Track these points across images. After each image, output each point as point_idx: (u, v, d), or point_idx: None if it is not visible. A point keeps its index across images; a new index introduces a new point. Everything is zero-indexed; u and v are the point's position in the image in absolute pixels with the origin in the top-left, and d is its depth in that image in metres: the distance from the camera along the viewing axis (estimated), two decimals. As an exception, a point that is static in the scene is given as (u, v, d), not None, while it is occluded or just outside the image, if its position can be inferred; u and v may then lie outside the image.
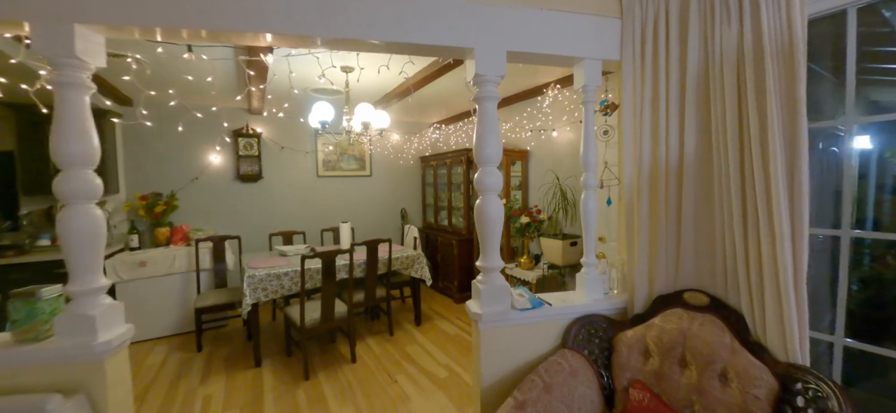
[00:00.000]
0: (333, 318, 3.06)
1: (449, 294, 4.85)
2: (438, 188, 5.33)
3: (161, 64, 2.94)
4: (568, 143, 3.61)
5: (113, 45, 2.20)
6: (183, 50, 2.34)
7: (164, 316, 3.77)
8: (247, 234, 4.49)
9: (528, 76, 3.47)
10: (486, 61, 1.54)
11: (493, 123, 1.58)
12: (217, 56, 2.61)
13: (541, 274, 3.63)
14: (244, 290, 2.95)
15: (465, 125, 5.16)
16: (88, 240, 1.36)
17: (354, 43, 1.51)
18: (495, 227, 1.60)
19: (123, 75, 3.13)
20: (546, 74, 3.44)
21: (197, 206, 4.33)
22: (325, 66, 2.97)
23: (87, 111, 1.37)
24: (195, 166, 4.31)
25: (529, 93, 3.90)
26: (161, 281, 3.74)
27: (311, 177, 4.94)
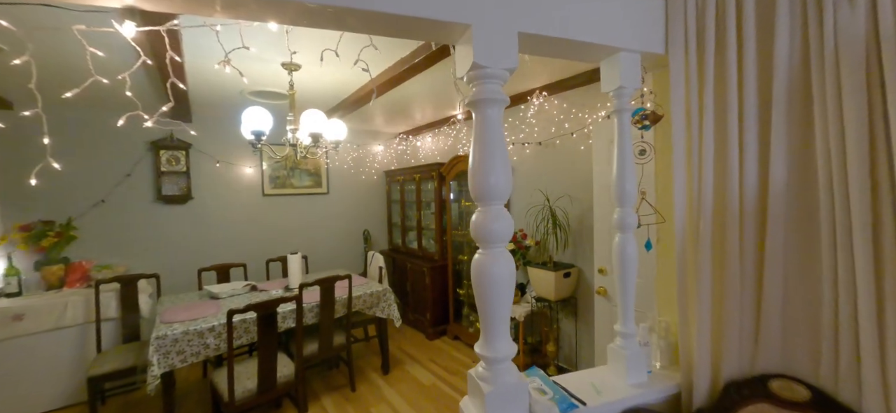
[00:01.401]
0: (276, 385, 2.37)
1: (421, 328, 4.24)
2: (406, 206, 4.74)
3: (49, 58, 2.18)
4: (557, 159, 3.17)
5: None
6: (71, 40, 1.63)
7: (50, 384, 2.88)
8: (171, 268, 3.66)
9: (510, 81, 3.00)
10: (489, 46, 1.00)
11: (499, 140, 1.04)
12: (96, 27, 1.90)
13: (528, 309, 3.13)
14: (150, 355, 2.20)
15: (435, 136, 4.63)
16: None
17: (275, 5, 0.92)
18: (503, 295, 1.05)
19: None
20: (531, 79, 2.99)
21: (103, 237, 3.45)
22: (259, 61, 2.33)
23: None
24: (101, 186, 3.44)
25: (511, 100, 3.42)
26: (46, 338, 2.86)
27: (256, 196, 4.18)
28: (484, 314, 1.06)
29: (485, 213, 1.04)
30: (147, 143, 3.58)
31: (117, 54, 2.08)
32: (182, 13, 1.04)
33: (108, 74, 1.37)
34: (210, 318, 2.49)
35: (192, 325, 2.37)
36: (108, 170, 3.45)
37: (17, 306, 2.79)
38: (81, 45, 1.22)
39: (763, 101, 1.11)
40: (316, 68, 2.55)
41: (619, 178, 1.25)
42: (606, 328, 2.68)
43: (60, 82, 2.59)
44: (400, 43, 2.16)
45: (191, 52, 2.29)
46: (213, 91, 3.08)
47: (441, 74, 2.69)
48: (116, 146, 3.46)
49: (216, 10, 0.93)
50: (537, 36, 1.07)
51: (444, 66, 2.48)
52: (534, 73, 2.84)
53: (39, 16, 1.70)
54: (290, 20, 1.01)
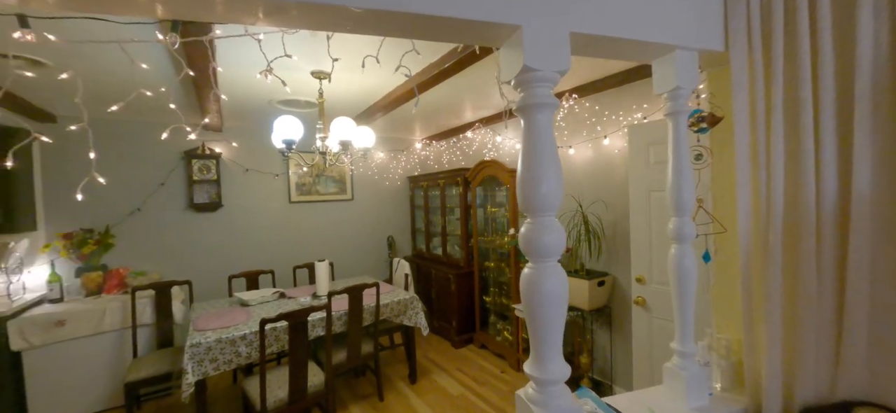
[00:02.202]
0: (306, 395, 2.36)
1: (446, 336, 4.18)
2: (430, 212, 4.70)
3: (88, 72, 2.25)
4: (588, 164, 3.06)
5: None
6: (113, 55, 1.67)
7: (90, 389, 2.96)
8: (202, 274, 3.74)
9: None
10: (541, 48, 0.94)
11: (549, 146, 0.97)
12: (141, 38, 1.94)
13: (560, 318, 3.02)
14: (184, 363, 2.22)
15: (458, 141, 4.58)
16: None
17: (317, 12, 0.89)
18: (556, 312, 0.98)
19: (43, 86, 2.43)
20: (560, 81, 2.89)
21: (139, 244, 3.56)
22: (289, 69, 2.34)
23: None
24: (136, 195, 3.55)
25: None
26: (85, 343, 2.95)
27: (283, 203, 4.23)
28: (534, 333, 0.99)
29: (535, 224, 0.97)
30: (180, 153, 3.68)
31: (154, 67, 2.12)
32: (225, 23, 1.03)
33: (144, 87, 1.37)
34: (241, 326, 2.51)
35: (224, 333, 2.38)
36: (144, 179, 3.56)
37: (59, 312, 2.88)
38: (123, 58, 1.23)
39: (843, 98, 1.01)
40: (343, 76, 2.55)
41: (676, 186, 1.16)
42: (645, 340, 2.55)
43: (101, 95, 2.68)
44: (431, 48, 2.13)
45: (222, 63, 2.32)
46: (242, 101, 3.13)
47: (468, 79, 2.64)
48: (151, 156, 3.56)
49: (259, 18, 0.91)
50: (590, 36, 1.01)
51: (472, 70, 2.44)
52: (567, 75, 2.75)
53: (83, 30, 1.74)
54: (331, 27, 0.97)
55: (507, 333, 3.71)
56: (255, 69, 2.35)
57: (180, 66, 2.02)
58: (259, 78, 2.53)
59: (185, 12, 0.91)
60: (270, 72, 1.34)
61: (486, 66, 2.42)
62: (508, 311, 3.76)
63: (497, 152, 3.97)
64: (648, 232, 2.49)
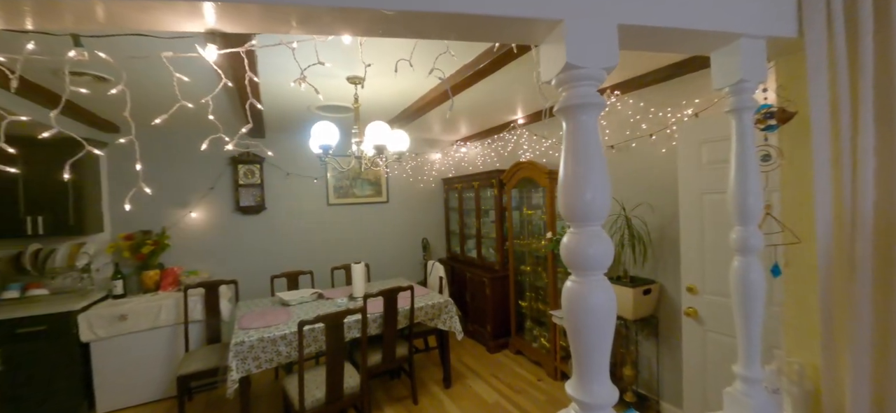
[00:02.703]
0: (342, 396, 2.39)
1: (481, 340, 4.12)
2: (465, 214, 4.65)
3: (144, 86, 2.42)
4: (632, 164, 2.89)
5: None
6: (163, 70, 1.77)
7: (147, 380, 3.18)
8: (246, 274, 3.92)
9: None
10: (585, 43, 0.87)
11: (595, 149, 0.90)
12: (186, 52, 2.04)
13: (601, 327, 2.87)
14: (229, 360, 2.32)
15: (493, 142, 4.50)
16: None
17: (350, 16, 0.87)
18: (603, 330, 0.90)
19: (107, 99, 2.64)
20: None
21: (191, 245, 3.79)
22: (324, 76, 2.38)
23: None
24: (189, 198, 3.78)
25: (578, 102, 3.20)
26: (144, 337, 3.17)
27: (321, 205, 4.35)
28: (578, 351, 0.92)
29: (579, 234, 0.90)
30: (227, 159, 3.88)
31: (200, 78, 2.23)
32: (260, 32, 1.04)
33: (192, 98, 1.43)
34: (281, 326, 2.58)
35: (266, 332, 2.47)
36: (195, 184, 3.78)
37: (122, 308, 3.12)
38: (168, 71, 1.28)
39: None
40: (378, 80, 2.56)
41: (740, 191, 1.04)
42: (697, 356, 2.36)
43: (153, 107, 2.87)
44: (466, 48, 2.08)
45: (264, 72, 2.40)
46: (283, 107, 3.24)
47: (504, 78, 2.56)
48: (202, 162, 3.78)
49: (292, 27, 0.90)
50: (640, 27, 0.92)
51: (508, 69, 2.37)
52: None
53: (131, 46, 1.86)
54: (364, 31, 0.95)
55: (544, 340, 3.59)
56: (293, 76, 2.42)
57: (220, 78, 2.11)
58: (301, 87, 2.60)
59: (223, 24, 0.92)
60: (304, 80, 1.35)
61: (523, 64, 2.34)
62: (545, 317, 3.63)
63: (533, 153, 3.85)
64: (701, 238, 2.31)
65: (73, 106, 2.86)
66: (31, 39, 1.03)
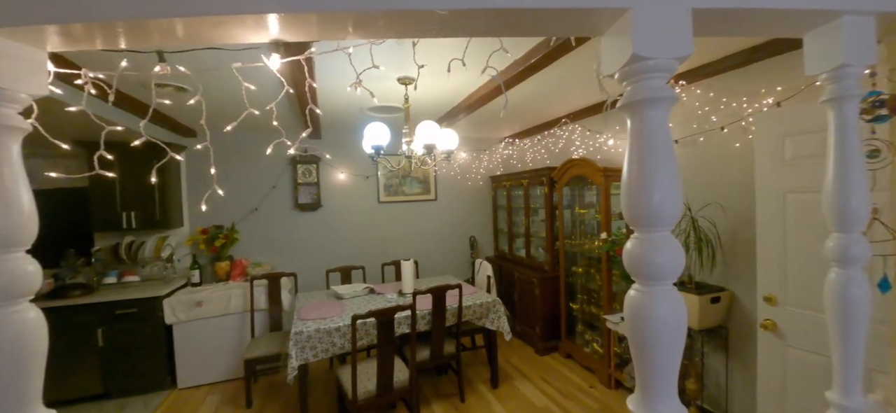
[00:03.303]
0: (392, 390, 2.46)
1: (529, 341, 4.03)
2: (513, 212, 4.57)
3: (215, 95, 2.65)
4: (699, 160, 2.66)
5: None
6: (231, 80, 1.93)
7: (218, 360, 3.49)
8: (304, 267, 4.16)
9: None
10: (654, 31, 0.80)
11: (665, 148, 0.83)
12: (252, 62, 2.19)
13: (661, 335, 2.68)
14: (290, 349, 2.47)
15: (543, 139, 4.37)
16: (9, 361, 0.86)
17: (403, 18, 0.87)
18: (671, 345, 0.83)
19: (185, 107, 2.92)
20: None
21: (256, 239, 4.09)
22: (376, 77, 2.44)
23: (11, 167, 0.89)
24: (254, 196, 4.08)
25: (637, 94, 3.00)
26: (216, 322, 3.48)
27: (372, 203, 4.50)
28: (643, 366, 0.86)
29: (645, 240, 0.83)
30: (287, 160, 4.13)
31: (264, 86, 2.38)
32: (319, 39, 1.09)
33: (257, 105, 1.53)
34: (336, 318, 2.71)
35: (322, 324, 2.60)
36: (260, 183, 4.08)
37: (198, 295, 3.45)
38: (235, 81, 1.37)
39: None
40: (428, 79, 2.58)
41: (840, 192, 0.90)
42: (775, 373, 2.12)
43: (222, 114, 3.12)
44: (518, 42, 2.03)
45: (319, 76, 2.51)
46: (337, 109, 3.38)
47: (557, 71, 2.47)
48: (266, 163, 4.06)
49: (349, 32, 0.93)
50: (719, 10, 0.83)
51: (561, 62, 2.27)
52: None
53: (206, 59, 2.02)
54: (417, 32, 0.96)
55: (596, 345, 3.43)
56: (348, 80, 2.51)
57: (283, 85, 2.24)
58: (352, 91, 2.70)
59: (286, 34, 0.97)
60: (360, 84, 1.38)
61: (577, 57, 2.24)
62: (598, 321, 3.47)
63: (586, 149, 3.68)
64: (782, 242, 2.06)
65: (157, 114, 3.20)
66: (124, 57, 1.15)
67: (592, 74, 2.62)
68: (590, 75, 2.64)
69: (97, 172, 1.09)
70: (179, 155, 1.27)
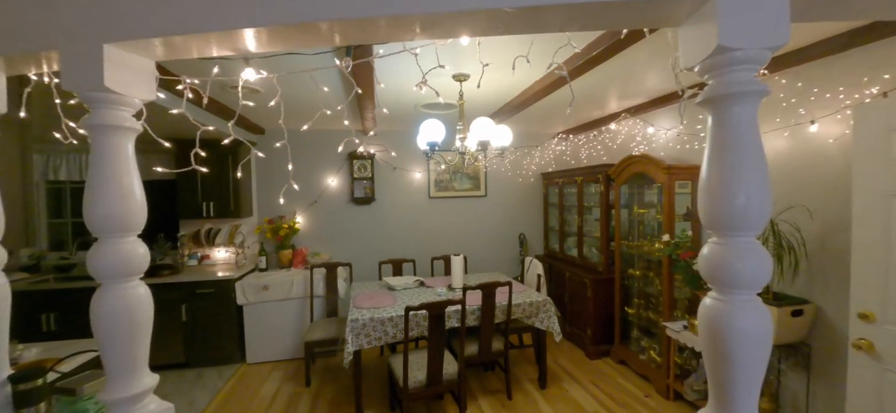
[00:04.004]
0: (441, 382, 2.51)
1: (579, 344, 3.91)
2: (565, 211, 4.43)
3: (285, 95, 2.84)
4: (783, 158, 2.41)
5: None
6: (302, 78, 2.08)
7: (280, 340, 3.77)
8: (358, 258, 4.35)
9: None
10: (743, 19, 0.74)
11: (753, 146, 0.77)
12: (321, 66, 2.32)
13: (730, 347, 2.48)
14: (346, 334, 2.61)
15: (599, 135, 4.18)
16: (123, 329, 1.00)
17: (471, 18, 0.88)
18: (753, 359, 0.77)
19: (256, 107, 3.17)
20: None
21: (315, 230, 4.35)
22: (432, 74, 2.47)
23: (127, 162, 1.03)
24: (314, 190, 4.33)
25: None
26: (280, 305, 3.76)
27: (423, 198, 4.59)
28: (719, 380, 0.80)
29: (725, 245, 0.78)
30: (345, 155, 4.34)
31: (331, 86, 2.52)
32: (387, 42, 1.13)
33: (324, 104, 1.61)
34: (389, 309, 2.81)
35: (375, 313, 2.71)
36: (320, 177, 4.32)
37: (265, 279, 3.74)
38: (302, 81, 1.46)
39: None
40: (484, 75, 2.57)
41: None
42: (870, 400, 1.88)
43: (292, 112, 3.33)
44: (578, 36, 1.96)
45: (378, 77, 2.60)
46: (391, 106, 3.47)
47: (618, 64, 2.35)
48: (325, 158, 4.29)
49: (416, 33, 0.96)
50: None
51: (620, 57, 2.17)
52: None
53: (283, 63, 2.17)
54: (484, 31, 0.96)
55: (653, 353, 3.24)
56: (402, 79, 2.57)
57: (350, 86, 2.36)
58: (408, 88, 2.76)
59: (355, 37, 1.02)
60: (425, 83, 1.42)
61: (641, 49, 2.12)
62: (656, 327, 3.28)
63: (648, 146, 3.47)
64: (885, 253, 1.81)
65: (231, 113, 3.50)
66: (216, 63, 1.27)
67: (657, 66, 2.46)
68: (654, 67, 2.49)
69: (193, 167, 1.22)
70: (259, 152, 1.38)
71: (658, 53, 2.23)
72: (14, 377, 1.17)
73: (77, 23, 0.92)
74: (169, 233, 4.09)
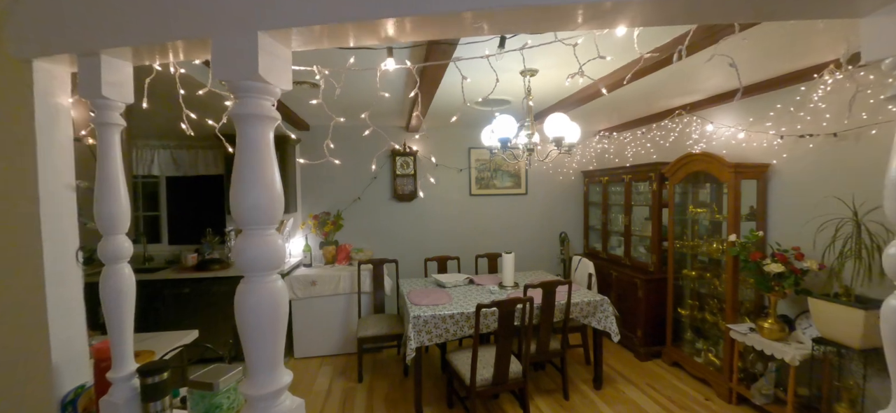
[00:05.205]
0: (507, 380, 2.49)
1: (628, 346, 3.85)
2: (610, 210, 4.37)
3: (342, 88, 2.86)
4: (864, 157, 2.32)
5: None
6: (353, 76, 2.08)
7: (330, 335, 3.81)
8: (401, 255, 4.35)
9: (783, 54, 2.32)
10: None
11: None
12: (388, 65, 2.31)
13: (804, 352, 2.41)
14: (409, 332, 2.62)
15: (648, 131, 4.10)
16: (267, 323, 1.01)
17: (630, 7, 0.86)
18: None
19: (306, 100, 3.19)
20: (818, 51, 2.26)
21: (358, 226, 4.38)
22: (500, 68, 2.45)
23: (270, 152, 1.03)
24: (358, 186, 4.36)
25: (782, 80, 2.69)
26: (328, 301, 3.79)
27: (464, 195, 4.58)
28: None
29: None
30: (388, 152, 4.35)
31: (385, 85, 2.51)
32: (536, 32, 1.11)
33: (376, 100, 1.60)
34: (447, 305, 2.80)
35: (436, 310, 2.71)
36: (363, 173, 4.33)
37: (312, 274, 3.78)
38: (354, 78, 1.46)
39: None
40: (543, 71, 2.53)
41: None
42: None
43: (340, 107, 3.34)
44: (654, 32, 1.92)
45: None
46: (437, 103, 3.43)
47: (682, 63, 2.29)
48: (369, 154, 4.30)
49: (578, 23, 0.94)
50: None
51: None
52: (823, 42, 2.13)
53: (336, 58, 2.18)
54: (644, 21, 0.94)
55: (711, 356, 3.17)
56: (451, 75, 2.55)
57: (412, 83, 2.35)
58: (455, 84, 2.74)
59: (503, 27, 1.00)
60: (582, 74, 1.39)
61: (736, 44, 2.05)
62: (711, 329, 3.20)
63: (707, 144, 3.39)
64: None
65: (280, 106, 3.53)
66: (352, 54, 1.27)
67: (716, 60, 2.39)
68: (715, 63, 2.42)
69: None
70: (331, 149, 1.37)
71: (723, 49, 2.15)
72: (142, 370, 1.19)
73: (235, 10, 0.93)
74: (216, 228, 4.16)
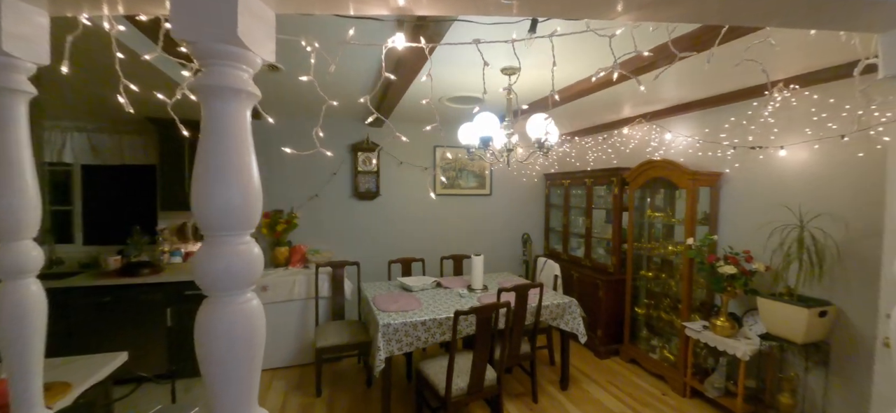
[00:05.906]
0: (482, 388, 2.40)
1: (589, 345, 3.95)
2: (570, 212, 4.47)
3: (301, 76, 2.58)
4: (809, 168, 2.54)
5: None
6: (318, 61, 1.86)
7: (283, 346, 3.48)
8: (363, 257, 4.11)
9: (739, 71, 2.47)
10: None
11: None
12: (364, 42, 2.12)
13: (753, 347, 2.59)
14: (378, 341, 2.43)
15: (610, 138, 4.25)
16: (242, 354, 0.82)
17: (668, 3, 0.80)
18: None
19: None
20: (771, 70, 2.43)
21: (314, 225, 4.05)
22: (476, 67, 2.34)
23: (248, 139, 0.83)
24: (315, 183, 4.04)
25: (734, 95, 2.87)
26: (281, 307, 3.46)
27: (428, 195, 4.43)
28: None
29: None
30: (348, 146, 4.08)
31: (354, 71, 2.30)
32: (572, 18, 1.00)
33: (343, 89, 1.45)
34: (418, 312, 2.65)
35: (408, 317, 2.54)
36: (321, 169, 4.03)
37: (264, 279, 3.42)
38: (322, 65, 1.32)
39: None
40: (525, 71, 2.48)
41: None
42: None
43: (295, 95, 3.04)
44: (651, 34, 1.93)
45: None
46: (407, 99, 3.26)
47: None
48: (327, 148, 4.00)
49: (617, 12, 0.85)
50: None
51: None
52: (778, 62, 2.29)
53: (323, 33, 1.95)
54: (683, 17, 0.88)
55: (666, 352, 3.34)
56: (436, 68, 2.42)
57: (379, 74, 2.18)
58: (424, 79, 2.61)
59: (536, 10, 0.89)
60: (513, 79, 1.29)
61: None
62: (667, 327, 3.37)
63: (666, 151, 3.56)
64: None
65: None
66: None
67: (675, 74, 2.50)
68: (684, 72, 2.53)
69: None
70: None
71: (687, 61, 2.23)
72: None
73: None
74: (145, 225, 3.63)
